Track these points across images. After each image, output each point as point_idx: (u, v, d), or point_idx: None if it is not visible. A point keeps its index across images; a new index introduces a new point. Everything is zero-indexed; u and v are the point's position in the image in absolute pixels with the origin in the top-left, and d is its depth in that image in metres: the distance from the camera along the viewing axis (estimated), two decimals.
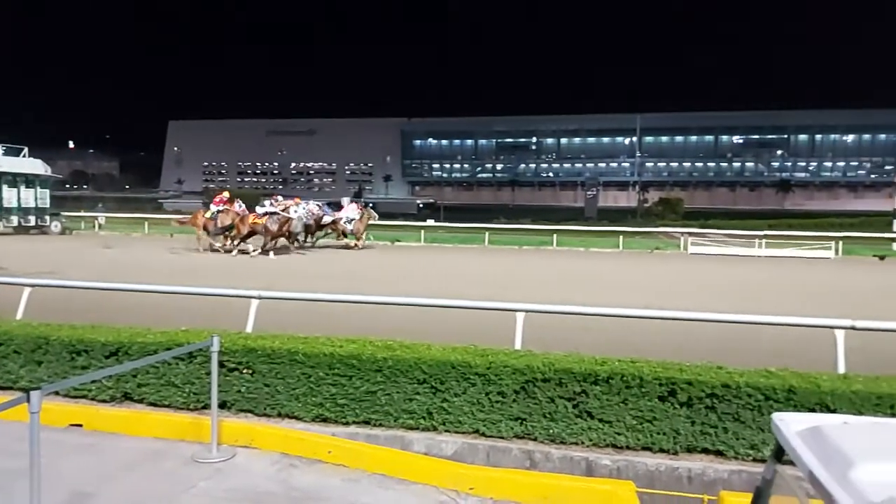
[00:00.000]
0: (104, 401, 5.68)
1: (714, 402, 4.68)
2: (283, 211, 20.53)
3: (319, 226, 23.38)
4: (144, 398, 5.64)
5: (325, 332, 5.86)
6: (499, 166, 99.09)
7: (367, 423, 5.20)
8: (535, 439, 4.89)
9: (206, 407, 5.12)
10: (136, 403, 5.66)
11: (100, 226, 33.43)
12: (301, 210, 21.24)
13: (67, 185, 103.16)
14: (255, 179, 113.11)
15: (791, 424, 1.62)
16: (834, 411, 4.47)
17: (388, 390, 5.12)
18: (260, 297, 6.58)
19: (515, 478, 4.17)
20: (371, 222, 24.73)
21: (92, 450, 4.85)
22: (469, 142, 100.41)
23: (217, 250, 20.92)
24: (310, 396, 5.28)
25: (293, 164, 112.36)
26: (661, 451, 4.75)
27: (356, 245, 23.70)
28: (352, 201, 25.59)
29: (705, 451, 4.71)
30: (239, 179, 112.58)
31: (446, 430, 5.01)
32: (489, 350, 5.26)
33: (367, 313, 8.24)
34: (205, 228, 21.38)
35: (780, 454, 1.62)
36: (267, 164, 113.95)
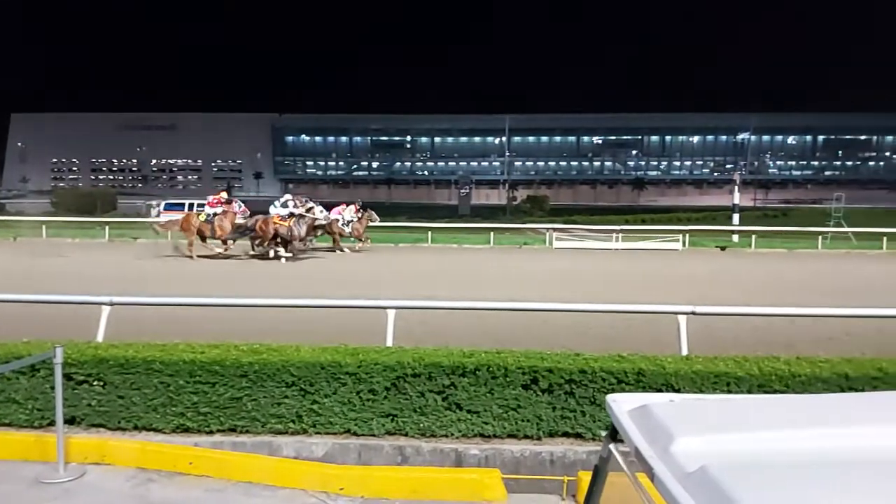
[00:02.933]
0: None
1: (573, 387, 4.96)
2: (307, 212, 19.28)
3: (314, 227, 21.95)
4: None
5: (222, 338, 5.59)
6: (375, 164, 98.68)
7: (232, 430, 5.01)
8: (406, 434, 4.94)
9: (53, 423, 4.72)
10: None
11: None
12: (325, 211, 20.25)
13: None
14: (111, 177, 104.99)
15: (623, 404, 1.74)
16: (678, 390, 4.87)
17: (255, 395, 4.96)
18: (112, 304, 6.14)
19: (386, 474, 4.19)
20: (372, 224, 23.55)
21: None
22: (344, 139, 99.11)
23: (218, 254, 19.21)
24: (169, 406, 5.01)
25: (154, 161, 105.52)
26: (526, 437, 4.96)
27: (359, 248, 22.35)
28: (351, 203, 24.10)
29: (566, 434, 4.97)
30: (93, 177, 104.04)
31: (317, 432, 4.94)
32: (360, 349, 5.24)
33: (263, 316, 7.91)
34: (199, 233, 19.40)
35: (615, 433, 1.73)
36: (125, 160, 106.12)
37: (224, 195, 20.55)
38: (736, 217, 31.39)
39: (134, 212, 42.92)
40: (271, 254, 19.12)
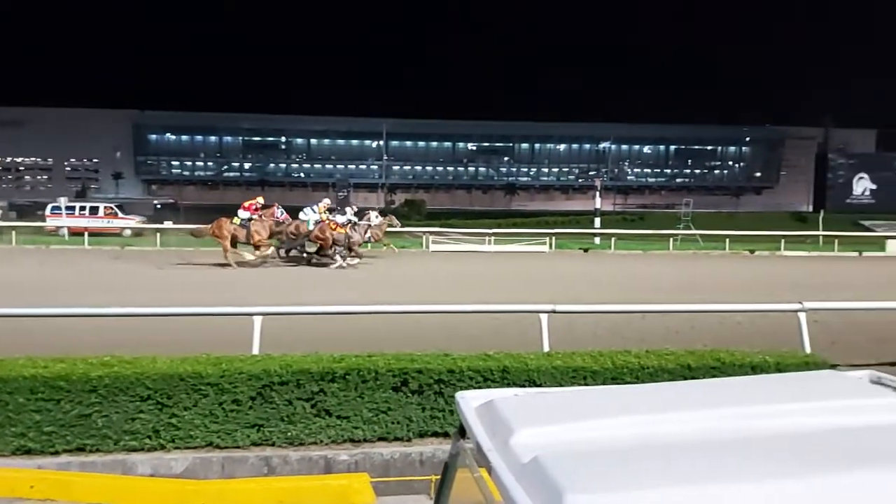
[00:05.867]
0: None
1: (441, 387, 5.06)
2: (362, 219, 18.80)
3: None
4: None
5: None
6: (247, 165, 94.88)
7: (81, 450, 4.66)
8: (273, 444, 4.82)
9: None
10: None
11: None
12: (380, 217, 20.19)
13: None
14: None
15: (470, 401, 1.79)
16: (540, 385, 5.10)
17: (106, 411, 4.64)
18: None
19: (249, 486, 4.07)
20: (391, 228, 22.40)
21: None
22: (213, 138, 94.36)
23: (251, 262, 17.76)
24: (8, 427, 4.58)
25: None
26: (396, 439, 5.00)
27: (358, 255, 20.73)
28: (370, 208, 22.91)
29: (435, 434, 5.06)
30: None
31: (176, 447, 4.70)
32: (223, 358, 5.05)
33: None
34: (233, 238, 17.84)
35: (464, 430, 1.79)
36: None
37: (260, 200, 19.27)
38: (598, 221, 33.34)
39: None
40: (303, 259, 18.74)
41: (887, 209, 61.17)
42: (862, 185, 70.56)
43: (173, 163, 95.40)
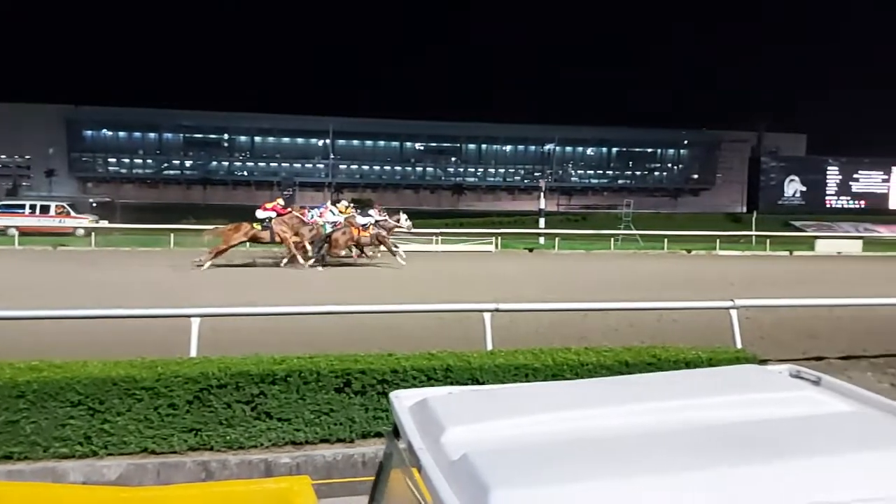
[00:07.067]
0: None
1: (385, 387, 5.04)
2: (388, 220, 18.94)
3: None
4: None
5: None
6: (188, 163, 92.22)
7: (8, 457, 4.48)
8: (211, 449, 4.73)
9: None
10: None
11: None
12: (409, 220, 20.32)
13: None
14: None
15: (404, 400, 1.81)
16: (482, 383, 5.15)
17: (35, 418, 4.46)
18: None
19: (185, 492, 3.96)
20: (399, 230, 21.80)
21: None
22: (152, 135, 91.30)
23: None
24: None
25: None
26: (339, 440, 4.97)
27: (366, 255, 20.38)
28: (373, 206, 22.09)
29: (378, 434, 5.04)
30: None
31: (109, 454, 4.55)
32: (159, 361, 4.92)
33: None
34: (253, 240, 17.72)
35: (398, 430, 1.80)
36: None
37: (280, 201, 18.73)
38: (542, 221, 33.85)
39: None
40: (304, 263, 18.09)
41: (816, 210, 64.19)
42: (793, 188, 73.68)
43: (110, 160, 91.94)
